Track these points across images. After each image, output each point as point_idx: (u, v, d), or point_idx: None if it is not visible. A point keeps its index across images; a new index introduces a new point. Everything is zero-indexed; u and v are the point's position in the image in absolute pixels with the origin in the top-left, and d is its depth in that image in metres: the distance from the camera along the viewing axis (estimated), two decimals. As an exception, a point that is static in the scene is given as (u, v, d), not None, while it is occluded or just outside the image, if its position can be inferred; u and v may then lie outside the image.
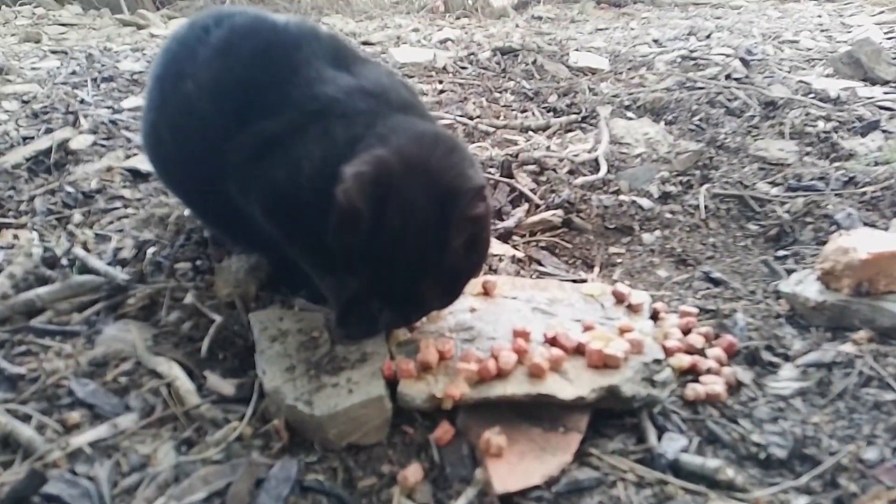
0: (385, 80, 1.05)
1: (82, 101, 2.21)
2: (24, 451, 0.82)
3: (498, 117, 2.17)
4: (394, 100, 1.02)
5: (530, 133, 2.03)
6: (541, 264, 1.33)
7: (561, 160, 1.73)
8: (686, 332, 1.06)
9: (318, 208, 0.95)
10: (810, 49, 3.06)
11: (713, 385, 0.94)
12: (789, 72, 2.63)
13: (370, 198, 0.83)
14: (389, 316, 0.93)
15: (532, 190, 1.59)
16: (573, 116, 2.14)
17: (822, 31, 3.50)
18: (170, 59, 1.12)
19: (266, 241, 1.07)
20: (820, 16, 3.98)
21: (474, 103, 2.25)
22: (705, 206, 1.51)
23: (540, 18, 4.21)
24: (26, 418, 0.86)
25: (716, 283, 1.25)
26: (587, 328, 1.00)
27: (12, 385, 0.93)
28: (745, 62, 2.70)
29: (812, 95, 2.22)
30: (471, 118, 2.10)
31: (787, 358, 1.02)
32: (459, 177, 0.90)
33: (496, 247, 1.36)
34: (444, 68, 2.72)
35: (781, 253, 1.35)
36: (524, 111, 2.25)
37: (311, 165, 0.96)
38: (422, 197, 0.87)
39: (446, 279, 0.92)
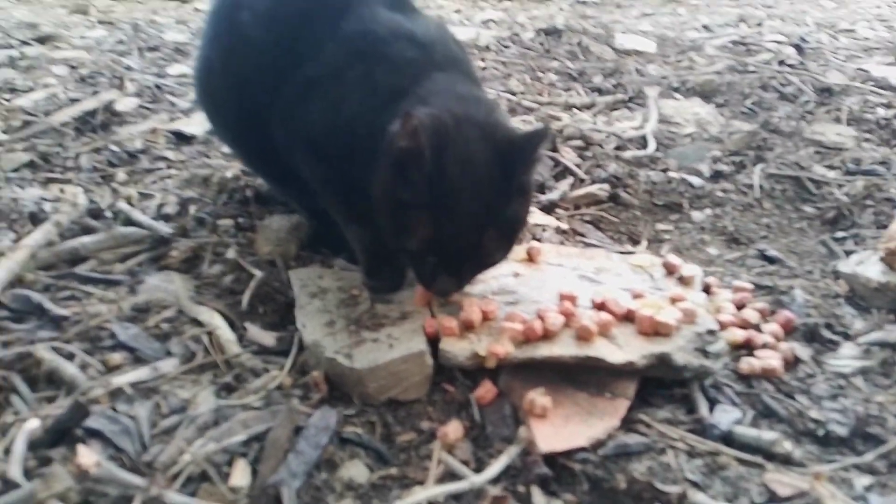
0: (435, 32, 1.03)
1: (128, 68, 2.23)
2: (67, 388, 0.82)
3: (541, 94, 2.12)
4: (440, 53, 1.00)
5: (574, 110, 1.99)
6: (585, 237, 1.30)
7: (607, 136, 1.68)
8: (740, 307, 1.02)
9: (353, 154, 0.94)
10: (868, 38, 2.94)
11: (769, 359, 0.90)
12: (845, 60, 2.53)
13: (431, 147, 0.81)
14: (444, 281, 0.89)
15: (577, 165, 1.55)
16: (619, 96, 2.08)
17: (881, 21, 3.37)
18: None
19: (305, 187, 1.06)
20: (879, 6, 3.84)
21: (517, 80, 2.21)
22: (760, 186, 1.46)
23: (584, 2, 4.12)
24: (70, 357, 0.86)
25: (771, 261, 1.20)
26: (637, 296, 0.97)
27: (56, 325, 0.93)
28: (799, 49, 2.61)
29: (871, 83, 2.14)
30: (514, 94, 2.07)
31: (847, 337, 0.98)
32: (511, 129, 0.90)
33: (539, 217, 1.32)
34: (487, 47, 2.67)
35: (840, 234, 1.29)
36: (568, 90, 2.21)
37: (350, 110, 0.95)
38: (479, 148, 0.86)
39: (507, 229, 0.90)
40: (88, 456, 0.68)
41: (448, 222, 0.84)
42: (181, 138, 1.69)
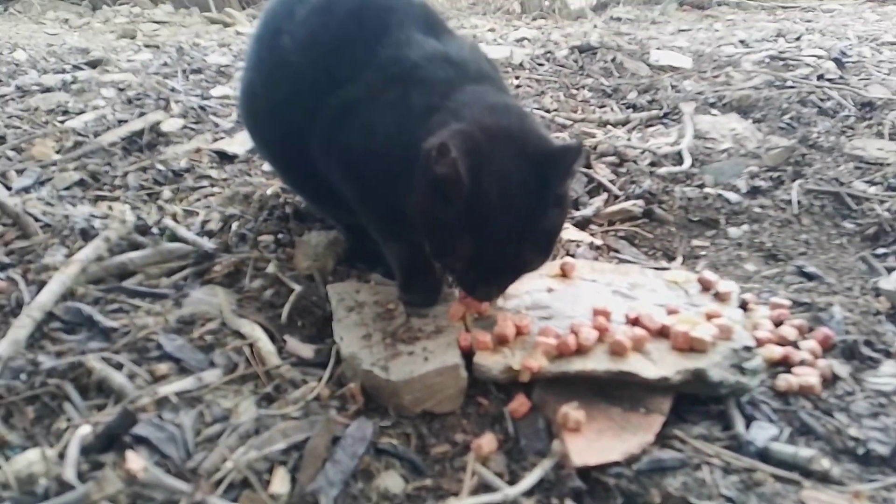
0: (467, 53, 1.05)
1: (173, 90, 2.31)
2: (115, 396, 0.85)
3: (575, 111, 2.14)
4: (472, 70, 1.02)
5: (609, 127, 1.99)
6: (619, 253, 1.30)
7: (642, 152, 1.68)
8: (777, 323, 1.01)
9: (390, 175, 0.97)
10: (912, 51, 2.88)
11: (807, 377, 0.89)
12: (889, 74, 2.49)
13: (468, 171, 0.83)
14: (483, 291, 0.92)
15: (611, 181, 1.56)
16: (654, 112, 2.08)
17: (926, 33, 3.30)
18: (269, 17, 1.16)
19: (343, 205, 1.09)
20: (923, 19, 3.76)
21: (551, 97, 2.23)
22: (798, 202, 1.44)
23: (619, 20, 4.14)
24: (118, 367, 0.90)
25: (810, 277, 1.18)
26: (671, 312, 0.97)
27: (106, 336, 0.97)
28: (839, 63, 2.57)
29: (915, 97, 2.09)
30: (548, 111, 2.08)
31: (888, 354, 0.96)
32: (544, 138, 0.91)
33: (573, 233, 1.33)
34: (521, 65, 2.70)
35: (881, 251, 1.27)
36: (602, 106, 2.21)
37: (385, 132, 0.97)
38: (513, 161, 0.87)
39: (544, 240, 0.91)
40: (137, 461, 0.71)
41: (488, 240, 0.87)
42: (224, 157, 1.75)
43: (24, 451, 0.76)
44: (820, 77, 2.38)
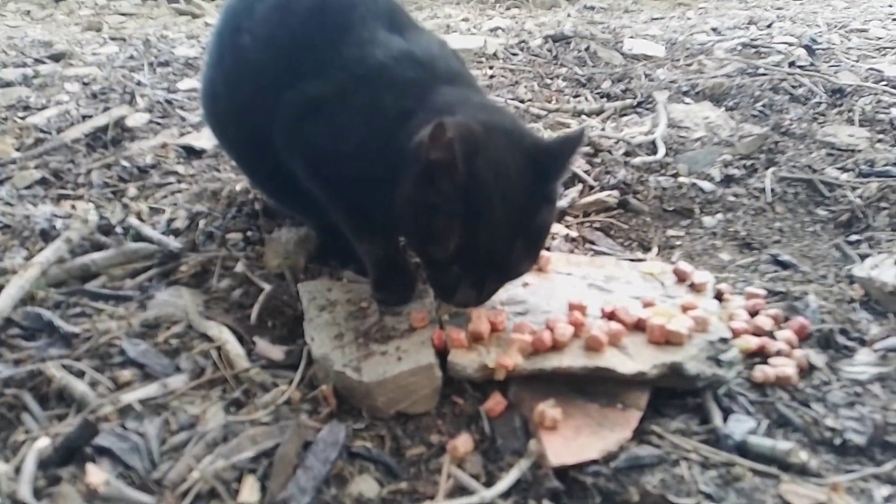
0: (435, 49, 1.03)
1: (139, 83, 2.25)
2: (77, 405, 0.82)
3: (550, 101, 2.12)
4: (442, 70, 1.00)
5: (583, 117, 1.98)
6: (595, 244, 1.29)
7: (616, 142, 1.67)
8: (753, 314, 1.01)
9: (362, 178, 0.94)
10: (881, 38, 2.91)
11: (783, 367, 0.89)
12: (857, 60, 2.51)
13: (463, 156, 0.80)
14: (466, 293, 0.87)
15: (586, 171, 1.54)
16: (628, 101, 2.07)
17: (895, 20, 3.33)
18: (229, 14, 1.13)
19: (312, 204, 1.06)
20: (891, 5, 3.80)
21: (525, 87, 2.21)
22: (772, 190, 1.44)
23: (592, 8, 4.12)
24: (80, 374, 0.87)
25: (784, 266, 1.18)
26: (647, 304, 0.96)
27: (67, 343, 0.93)
28: (809, 50, 2.59)
29: (884, 83, 2.11)
30: (522, 101, 2.06)
31: (863, 342, 0.96)
32: (539, 138, 0.89)
33: (549, 225, 1.32)
34: (495, 54, 2.67)
35: (854, 238, 1.27)
36: (577, 96, 2.20)
37: (357, 136, 0.94)
38: (510, 156, 0.85)
39: (534, 239, 0.89)
40: (97, 475, 0.68)
41: (481, 231, 0.83)
42: (191, 153, 1.70)
43: (-22, 467, 0.72)
44: (791, 64, 2.39)
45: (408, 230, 0.89)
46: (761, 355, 0.93)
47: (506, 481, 0.73)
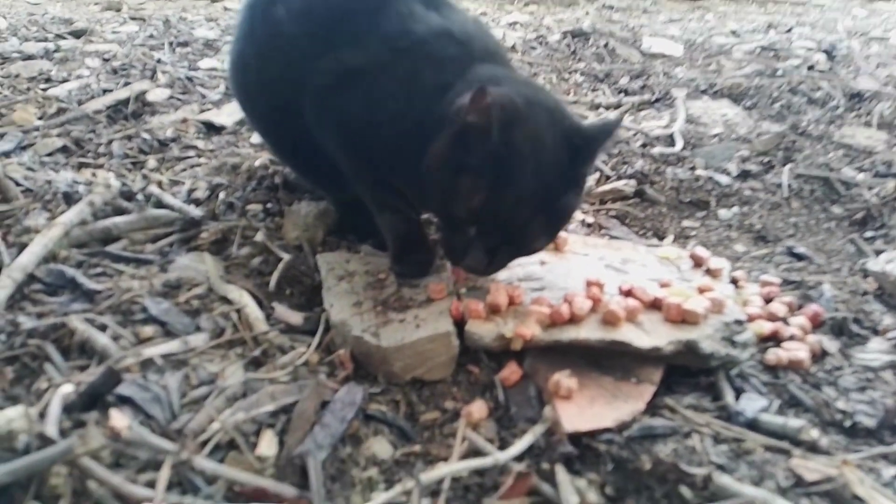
0: (471, 28, 1.03)
1: (159, 61, 2.27)
2: (98, 357, 0.83)
3: (567, 94, 2.13)
4: (478, 48, 1.00)
5: (601, 110, 1.99)
6: (610, 231, 1.29)
7: (634, 133, 1.68)
8: (767, 300, 1.01)
9: (394, 148, 0.95)
10: (900, 46, 2.91)
11: (796, 351, 0.89)
12: (877, 67, 2.51)
13: (500, 122, 0.80)
14: (476, 257, 0.86)
15: (603, 161, 1.55)
16: (646, 97, 2.08)
17: (913, 29, 3.33)
18: None
19: (337, 179, 1.07)
20: (910, 16, 3.79)
21: (544, 79, 2.22)
22: (788, 186, 1.45)
23: (611, 7, 4.13)
24: (102, 328, 0.88)
25: (799, 258, 1.19)
26: (664, 285, 0.97)
27: (89, 299, 0.95)
28: (829, 55, 2.59)
29: (903, 89, 2.11)
30: (540, 93, 2.07)
31: (875, 332, 0.97)
32: (579, 121, 0.89)
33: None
34: (513, 47, 2.69)
35: (869, 234, 1.28)
36: (594, 90, 2.21)
37: (395, 105, 0.95)
38: (548, 132, 0.85)
39: (556, 218, 0.89)
40: (121, 419, 0.69)
41: (504, 198, 0.83)
42: (211, 128, 1.72)
43: (2, 410, 0.73)
44: (810, 68, 2.40)
45: (432, 188, 0.88)
46: (775, 340, 0.94)
47: (520, 445, 0.74)
